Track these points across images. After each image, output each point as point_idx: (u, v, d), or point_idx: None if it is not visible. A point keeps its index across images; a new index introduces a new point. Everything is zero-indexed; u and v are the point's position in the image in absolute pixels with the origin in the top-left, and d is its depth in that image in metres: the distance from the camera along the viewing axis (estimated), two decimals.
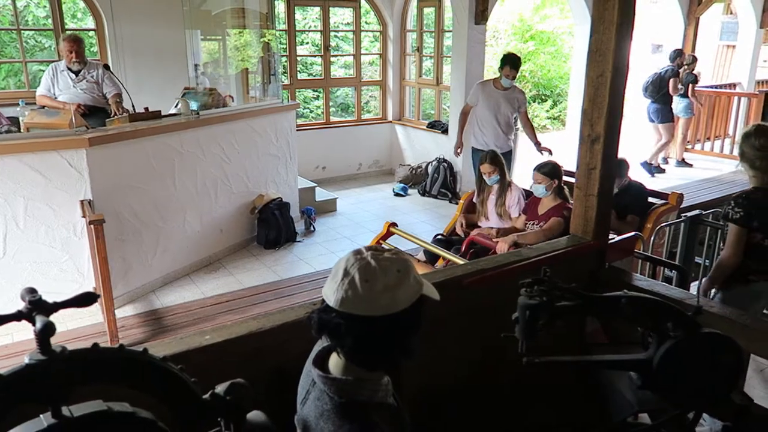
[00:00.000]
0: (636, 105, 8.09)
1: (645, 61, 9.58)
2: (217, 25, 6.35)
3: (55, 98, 4.69)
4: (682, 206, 4.17)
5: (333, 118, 8.47)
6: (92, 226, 3.26)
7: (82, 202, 3.73)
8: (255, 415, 1.29)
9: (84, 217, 3.63)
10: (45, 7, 6.91)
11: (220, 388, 1.22)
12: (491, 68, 12.51)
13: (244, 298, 4.34)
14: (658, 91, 7.58)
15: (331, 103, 10.98)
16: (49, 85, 4.70)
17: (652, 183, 6.39)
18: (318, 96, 10.93)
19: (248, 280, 4.68)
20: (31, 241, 3.70)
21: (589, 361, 1.78)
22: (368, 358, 1.12)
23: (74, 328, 3.78)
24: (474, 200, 4.37)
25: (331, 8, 7.65)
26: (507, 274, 2.09)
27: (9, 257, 3.65)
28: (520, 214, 4.01)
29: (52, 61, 4.98)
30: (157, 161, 4.30)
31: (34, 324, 0.94)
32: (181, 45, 5.92)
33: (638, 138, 8.24)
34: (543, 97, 12.97)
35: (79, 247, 3.85)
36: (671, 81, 7.47)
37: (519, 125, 5.78)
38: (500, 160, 4.14)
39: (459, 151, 5.67)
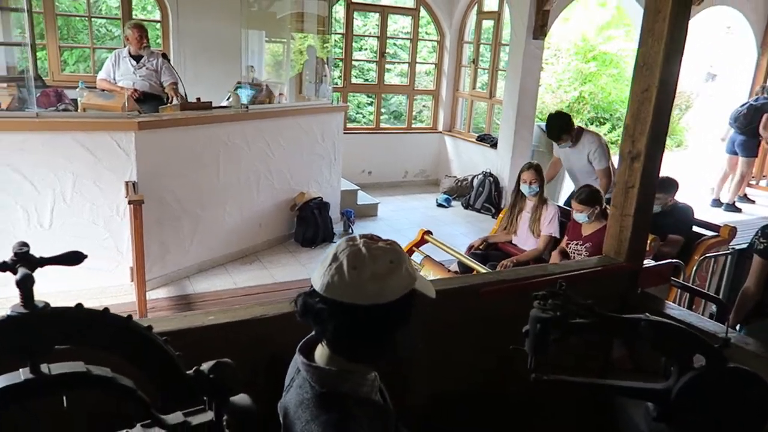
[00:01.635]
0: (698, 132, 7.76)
1: (698, 89, 9.17)
2: (276, 26, 6.48)
3: (115, 83, 4.89)
4: (734, 242, 3.95)
5: (383, 125, 8.49)
6: (132, 205, 3.34)
7: (127, 183, 3.85)
8: (240, 398, 1.27)
9: (127, 197, 3.74)
10: None
11: (205, 366, 1.21)
12: (549, 86, 12.32)
13: (274, 292, 4.38)
14: (749, 123, 7.19)
15: (384, 110, 11.07)
16: (110, 70, 4.90)
17: (706, 215, 6.09)
18: (372, 102, 11.01)
19: (281, 274, 4.72)
20: (76, 217, 3.84)
21: (602, 385, 1.68)
22: (349, 347, 1.08)
23: (108, 304, 3.90)
24: (506, 215, 4.28)
25: (390, 15, 7.69)
26: (528, 287, 2.00)
27: (54, 230, 3.80)
28: (551, 236, 3.90)
29: (119, 49, 5.18)
30: (203, 150, 4.40)
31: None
32: (239, 42, 6.09)
33: (698, 164, 7.90)
34: (602, 119, 12.63)
35: (121, 227, 3.97)
36: (765, 116, 7.05)
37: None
38: (542, 174, 4.03)
39: None
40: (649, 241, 3.56)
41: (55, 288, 3.85)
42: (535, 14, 6.37)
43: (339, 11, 7.51)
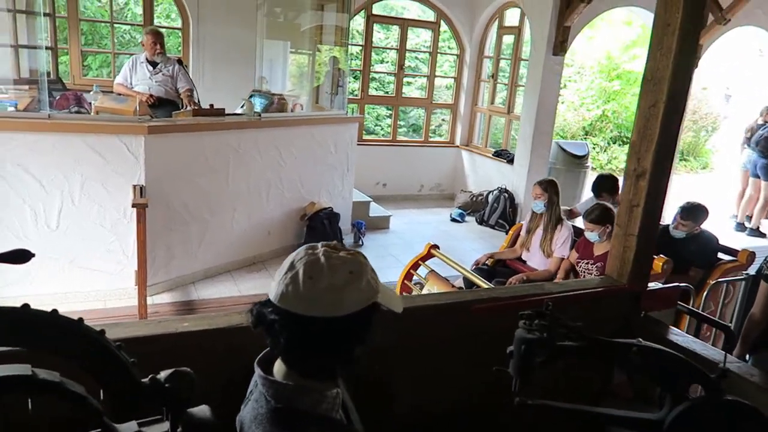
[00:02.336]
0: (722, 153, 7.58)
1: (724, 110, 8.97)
2: (297, 37, 6.52)
3: (131, 88, 4.94)
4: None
5: (400, 137, 8.46)
6: (136, 209, 3.34)
7: (134, 186, 3.86)
8: (200, 410, 1.22)
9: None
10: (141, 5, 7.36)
11: (162, 374, 1.17)
12: (572, 104, 12.18)
13: None
14: None
15: (403, 123, 11.05)
16: (127, 74, 4.96)
17: (729, 239, 5.91)
18: (391, 114, 11.00)
19: None
20: (83, 219, 3.86)
21: (590, 412, 1.59)
22: (302, 361, 1.03)
23: (112, 307, 3.91)
24: (522, 230, 4.19)
25: (410, 28, 7.69)
26: (522, 306, 1.92)
27: (61, 231, 3.82)
28: (564, 258, 3.80)
29: (137, 54, 5.25)
30: (213, 156, 4.41)
31: None
32: (255, 51, 6.16)
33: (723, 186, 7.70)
34: (624, 139, 12.43)
35: (127, 230, 3.97)
36: None
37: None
38: (554, 190, 3.94)
39: None
40: (661, 264, 3.46)
41: (60, 289, 3.90)
42: (555, 30, 6.30)
43: (359, 23, 7.53)
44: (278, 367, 1.08)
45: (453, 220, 7.13)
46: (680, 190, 7.78)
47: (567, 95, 12.18)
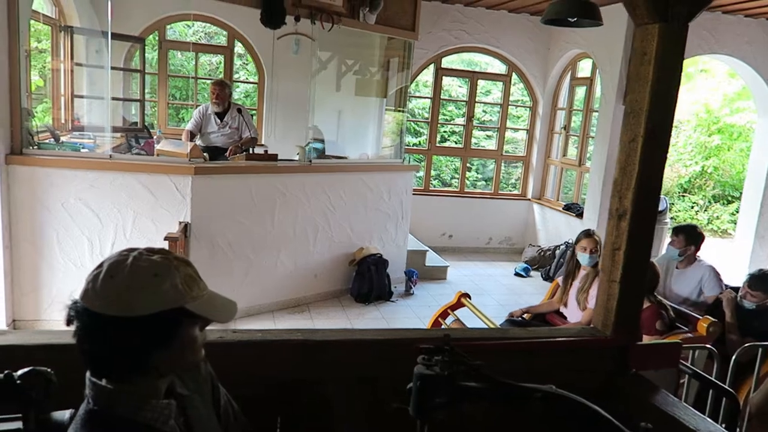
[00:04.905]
0: None
1: None
2: (359, 89, 6.76)
3: (201, 136, 5.35)
4: None
5: (469, 189, 8.38)
6: (168, 241, 3.55)
7: (180, 222, 4.11)
8: (61, 413, 1.24)
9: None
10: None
11: (19, 372, 1.21)
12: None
13: None
14: None
15: (480, 174, 10.95)
16: (196, 123, 5.37)
17: None
18: (471, 167, 10.93)
19: (323, 327, 4.69)
20: None
21: None
22: (93, 360, 1.01)
23: None
24: (560, 284, 3.94)
25: (480, 81, 7.71)
26: (467, 348, 1.80)
27: None
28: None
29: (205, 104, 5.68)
30: (259, 198, 4.60)
31: None
32: (326, 104, 6.46)
33: None
34: (729, 198, 11.44)
35: None
36: None
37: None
38: (601, 244, 3.66)
39: None
40: (705, 325, 3.10)
41: None
42: (626, 78, 6.03)
43: (429, 75, 7.69)
44: None
45: (517, 274, 6.85)
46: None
47: None
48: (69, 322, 1.01)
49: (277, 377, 1.74)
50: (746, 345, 2.77)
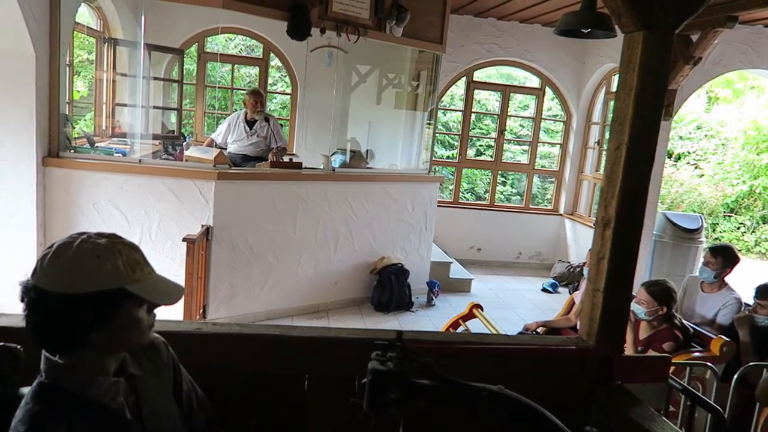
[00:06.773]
0: None
1: None
2: (389, 101, 6.84)
3: (227, 144, 5.51)
4: None
5: (502, 203, 8.31)
6: (186, 243, 3.68)
7: (202, 225, 4.26)
8: (28, 389, 1.32)
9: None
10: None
11: None
12: (710, 178, 11.06)
13: None
14: None
15: (514, 189, 10.83)
16: (224, 130, 5.55)
17: None
18: (506, 181, 10.84)
19: None
20: (157, 252, 4.31)
21: None
22: (35, 333, 1.08)
23: None
24: (575, 299, 3.88)
25: (512, 94, 7.67)
26: (441, 351, 1.82)
27: None
28: None
29: (236, 113, 5.87)
30: (281, 204, 4.71)
31: None
32: (358, 113, 6.58)
33: None
34: None
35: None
36: None
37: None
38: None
39: None
40: (719, 345, 3.00)
41: None
42: None
43: (460, 88, 7.70)
44: None
45: (543, 290, 6.74)
46: None
47: (706, 169, 11.13)
48: (22, 299, 1.09)
49: (254, 371, 1.79)
50: (750, 364, 2.66)
